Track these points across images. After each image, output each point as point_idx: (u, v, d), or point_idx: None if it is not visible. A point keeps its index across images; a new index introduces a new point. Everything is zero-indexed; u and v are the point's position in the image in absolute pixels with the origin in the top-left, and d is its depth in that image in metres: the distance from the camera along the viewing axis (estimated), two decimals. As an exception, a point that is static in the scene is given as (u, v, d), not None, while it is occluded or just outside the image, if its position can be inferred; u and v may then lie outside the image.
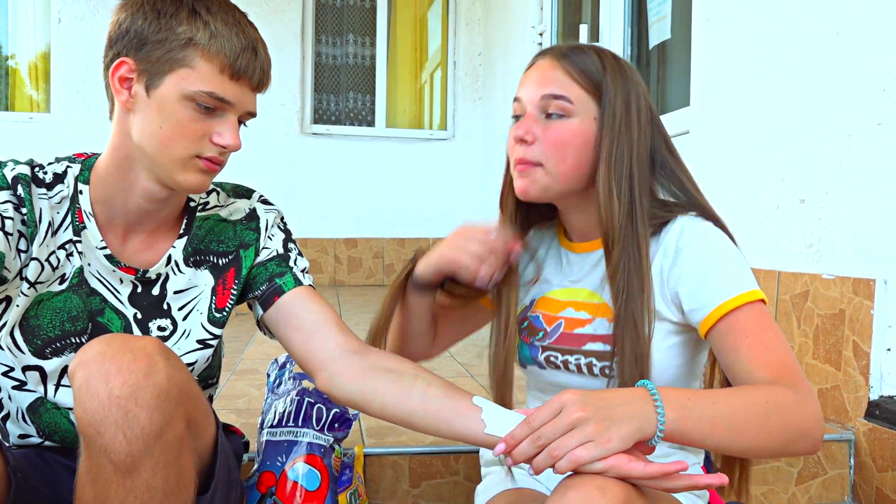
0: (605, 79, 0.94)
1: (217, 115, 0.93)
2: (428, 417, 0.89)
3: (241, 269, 1.05)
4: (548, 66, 0.95)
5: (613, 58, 0.97)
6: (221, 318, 1.05)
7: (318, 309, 1.02)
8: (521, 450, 0.78)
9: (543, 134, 0.95)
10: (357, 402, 0.94)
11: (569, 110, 0.94)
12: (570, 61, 0.95)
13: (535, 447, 0.77)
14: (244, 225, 1.08)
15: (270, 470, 1.21)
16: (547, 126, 0.95)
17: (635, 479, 0.77)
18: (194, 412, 0.88)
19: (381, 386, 0.93)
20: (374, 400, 0.94)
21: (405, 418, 0.91)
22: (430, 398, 0.90)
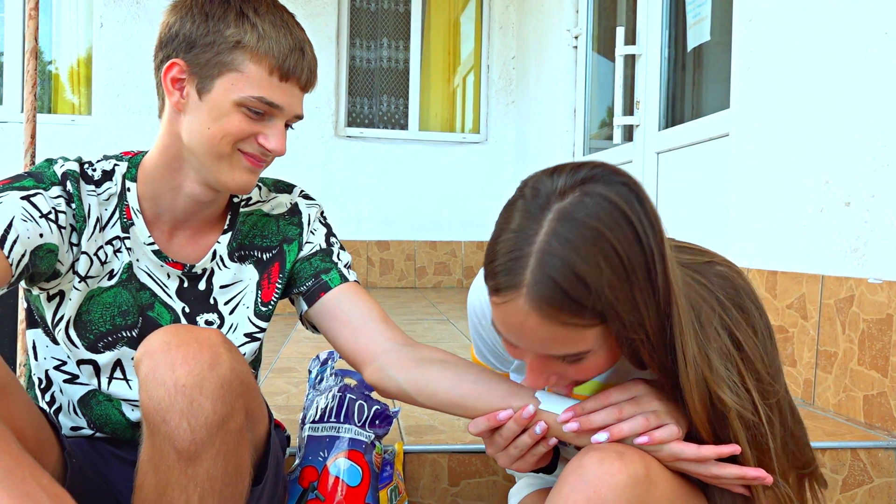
0: (604, 295, 0.71)
1: (266, 119, 0.94)
2: (482, 399, 0.88)
3: (284, 264, 1.07)
4: (535, 323, 0.73)
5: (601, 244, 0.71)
6: (267, 311, 1.06)
7: (365, 304, 1.03)
8: (597, 417, 0.82)
9: (568, 370, 0.82)
10: (408, 392, 0.95)
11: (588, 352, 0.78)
12: (558, 310, 0.72)
13: (614, 417, 0.81)
14: (287, 220, 1.09)
15: (312, 465, 1.22)
16: (568, 366, 0.81)
17: (686, 460, 0.80)
18: (252, 404, 0.90)
19: (434, 374, 0.93)
20: (427, 388, 0.93)
21: (458, 402, 0.91)
22: (484, 381, 0.90)
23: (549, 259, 0.71)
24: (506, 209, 0.77)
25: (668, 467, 0.82)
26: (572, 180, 0.74)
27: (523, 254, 0.72)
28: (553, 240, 0.71)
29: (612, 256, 0.71)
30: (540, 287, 0.71)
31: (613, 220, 0.71)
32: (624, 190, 0.74)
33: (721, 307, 0.84)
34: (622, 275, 0.71)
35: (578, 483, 0.77)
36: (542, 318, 0.72)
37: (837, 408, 1.73)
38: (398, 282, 4.89)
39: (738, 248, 2.17)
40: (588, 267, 0.70)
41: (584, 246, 0.71)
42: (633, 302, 0.72)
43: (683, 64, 2.98)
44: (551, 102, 4.12)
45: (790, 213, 1.94)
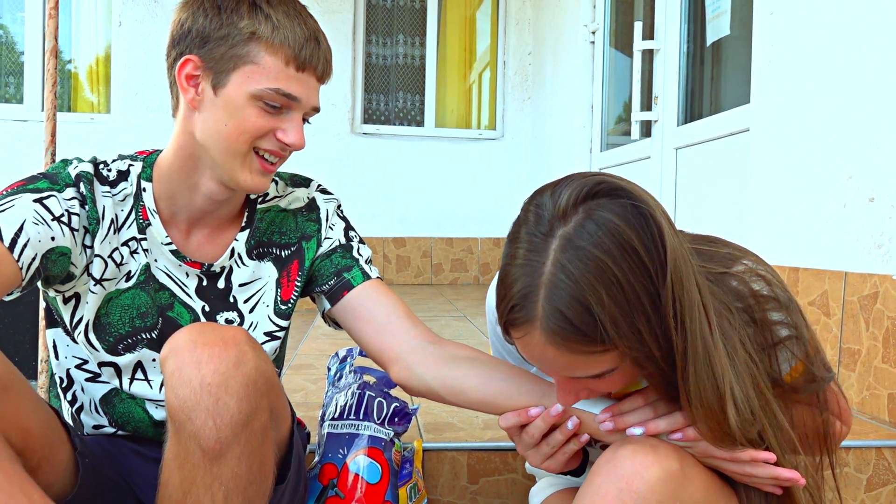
0: (608, 325, 0.71)
1: (283, 113, 0.94)
2: (513, 398, 0.88)
3: (304, 261, 1.07)
4: (554, 353, 0.74)
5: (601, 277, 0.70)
6: (287, 309, 1.06)
7: (389, 302, 1.03)
8: (635, 415, 0.82)
9: (598, 385, 0.81)
10: (437, 391, 0.94)
11: (612, 370, 0.77)
12: (571, 341, 0.72)
13: (649, 415, 0.81)
14: (304, 216, 1.09)
15: (332, 462, 1.22)
16: (597, 381, 0.80)
17: (720, 460, 0.80)
18: (276, 402, 0.90)
19: (464, 372, 0.93)
20: (456, 386, 0.93)
21: (490, 401, 0.90)
22: (515, 379, 0.90)
23: (556, 291, 0.71)
24: (511, 237, 0.76)
25: (701, 463, 0.81)
26: (574, 199, 0.73)
27: (532, 288, 0.72)
28: (559, 271, 0.71)
29: (615, 287, 0.70)
30: (550, 320, 0.71)
31: (616, 247, 0.70)
32: (629, 211, 0.71)
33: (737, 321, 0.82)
34: (624, 306, 0.70)
35: (612, 475, 0.76)
36: (558, 348, 0.73)
37: (861, 406, 1.71)
38: (415, 278, 4.89)
39: (759, 245, 2.15)
40: (592, 298, 0.70)
41: (588, 277, 0.70)
42: (637, 333, 0.71)
43: (702, 59, 2.95)
44: (568, 98, 4.10)
45: (812, 208, 1.91)
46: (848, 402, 0.94)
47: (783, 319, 0.84)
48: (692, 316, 0.74)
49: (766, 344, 0.84)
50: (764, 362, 0.83)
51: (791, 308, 0.85)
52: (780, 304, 0.85)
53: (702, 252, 0.86)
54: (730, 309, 0.82)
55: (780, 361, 0.85)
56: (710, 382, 0.76)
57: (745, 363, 0.79)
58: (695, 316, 0.75)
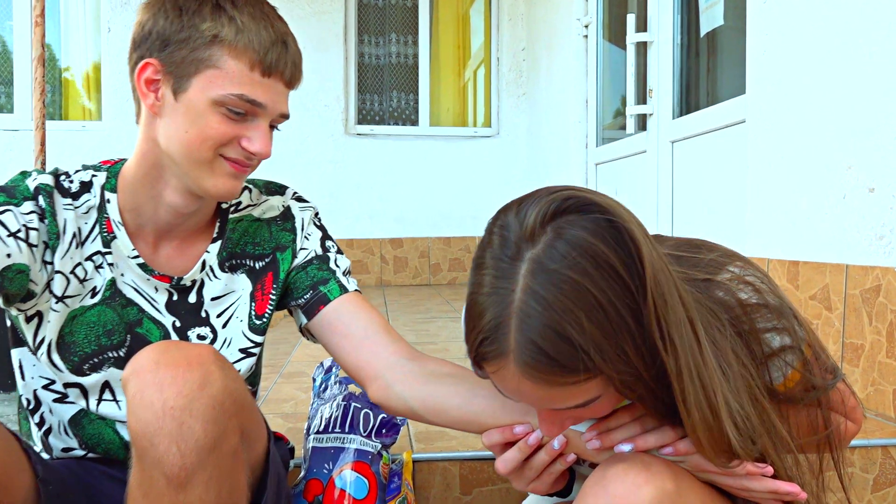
0: (591, 352, 0.65)
1: (248, 120, 0.90)
2: (496, 416, 0.83)
3: (278, 273, 1.02)
4: (531, 387, 0.68)
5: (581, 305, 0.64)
6: (262, 324, 1.02)
7: (367, 316, 0.99)
8: (622, 431, 0.77)
9: (583, 414, 0.75)
10: (416, 410, 0.90)
11: (596, 398, 0.71)
12: (548, 374, 0.66)
13: (640, 428, 0.77)
14: (279, 225, 1.04)
15: (317, 477, 1.18)
16: (581, 410, 0.74)
17: (714, 474, 0.75)
18: (248, 423, 0.85)
19: (445, 389, 0.88)
20: (437, 405, 0.88)
21: (472, 419, 0.85)
22: (499, 396, 0.85)
23: (529, 321, 0.64)
24: (476, 263, 0.71)
25: (696, 478, 0.77)
26: (542, 217, 0.67)
27: (502, 319, 0.66)
28: (529, 298, 0.64)
29: (594, 309, 0.64)
30: (524, 352, 0.65)
31: (592, 266, 0.64)
32: (602, 223, 0.66)
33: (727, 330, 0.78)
34: (608, 329, 0.64)
35: (602, 496, 0.72)
36: (535, 382, 0.66)
37: (866, 402, 1.66)
38: (413, 279, 4.85)
39: (757, 239, 2.11)
40: (569, 325, 0.63)
41: (563, 301, 0.64)
42: (624, 355, 0.66)
43: (697, 50, 2.90)
44: (563, 93, 4.05)
45: (811, 200, 1.86)
46: (858, 400, 0.89)
47: (776, 325, 0.80)
48: (679, 333, 0.69)
49: (756, 356, 0.79)
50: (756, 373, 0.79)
51: (784, 312, 0.80)
52: (771, 309, 0.80)
53: (683, 258, 0.82)
54: (718, 317, 0.78)
55: (773, 370, 0.80)
56: (705, 400, 0.71)
57: (739, 375, 0.75)
58: (682, 332, 0.69)
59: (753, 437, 0.73)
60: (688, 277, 0.78)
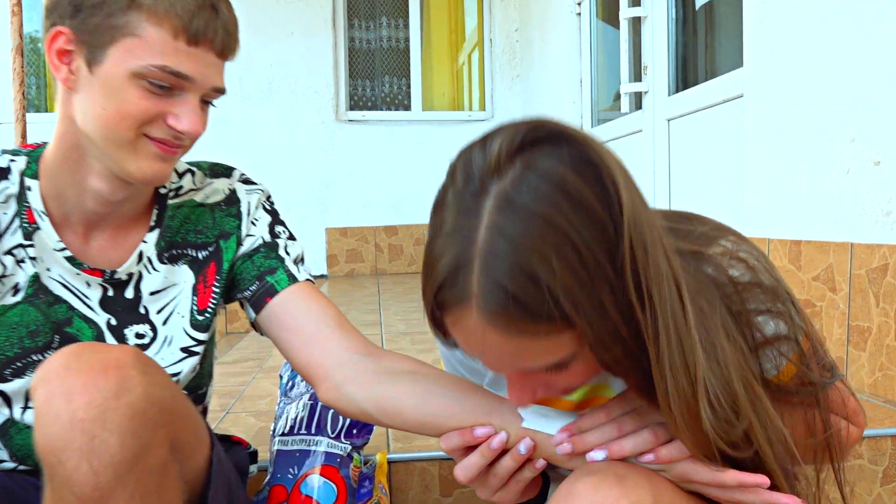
0: (561, 298, 0.57)
1: (175, 95, 0.80)
2: (455, 418, 0.73)
3: (221, 264, 0.93)
4: (497, 339, 0.59)
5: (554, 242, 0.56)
6: (205, 321, 0.92)
7: (318, 308, 0.89)
8: (597, 434, 0.68)
9: (555, 380, 0.67)
10: (370, 412, 0.80)
11: (570, 357, 0.63)
12: (516, 321, 0.57)
13: (615, 431, 0.68)
14: (223, 210, 0.95)
15: (282, 483, 1.09)
16: (553, 375, 0.65)
17: (702, 485, 0.66)
18: (183, 433, 0.76)
19: (401, 389, 0.79)
20: (391, 407, 0.79)
21: (429, 422, 0.76)
22: (458, 396, 0.75)
23: (494, 262, 0.57)
24: (436, 205, 0.62)
25: (682, 490, 0.68)
26: (509, 148, 0.59)
27: (464, 259, 0.58)
28: (495, 236, 0.57)
29: (566, 249, 0.56)
30: (489, 297, 0.57)
31: (566, 201, 0.56)
32: (575, 156, 0.58)
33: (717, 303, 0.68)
34: (581, 273, 0.57)
35: None
36: (501, 332, 0.58)
37: (873, 388, 1.57)
38: (408, 267, 4.76)
39: (757, 218, 2.01)
40: (538, 266, 0.56)
41: (533, 239, 0.56)
42: (599, 305, 0.58)
43: (693, 24, 2.79)
44: (556, 74, 3.94)
45: (813, 176, 1.77)
46: (859, 403, 0.80)
47: (770, 308, 0.70)
48: (660, 290, 0.60)
49: (748, 342, 0.70)
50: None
51: (780, 296, 0.71)
52: (765, 290, 0.70)
53: (672, 230, 0.72)
54: (709, 291, 0.68)
55: (765, 361, 0.71)
56: (684, 373, 0.62)
57: (729, 354, 0.65)
58: (664, 291, 0.60)
59: (732, 422, 0.63)
60: (676, 249, 0.69)
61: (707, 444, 0.63)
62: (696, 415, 0.62)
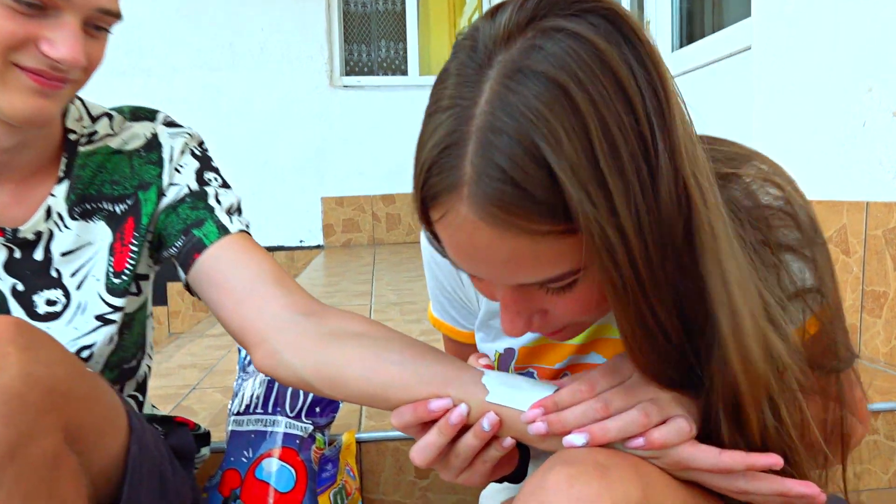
0: (571, 182, 0.46)
1: (49, 16, 0.67)
2: (409, 389, 0.62)
3: (140, 218, 0.81)
4: (489, 237, 0.49)
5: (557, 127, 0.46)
6: (122, 284, 0.81)
7: (253, 263, 0.77)
8: (577, 412, 0.56)
9: (555, 305, 0.56)
10: (311, 381, 0.68)
11: (575, 273, 0.52)
12: (514, 211, 0.47)
13: (601, 410, 0.56)
14: (143, 157, 0.83)
15: (234, 468, 0.99)
16: (554, 298, 0.55)
17: (702, 472, 0.55)
18: (85, 417, 0.65)
19: (347, 354, 0.67)
20: (336, 376, 0.67)
21: (379, 394, 0.64)
22: (413, 363, 0.64)
23: (494, 138, 0.47)
24: (438, 79, 0.52)
25: (675, 477, 0.57)
26: (521, 16, 0.48)
27: (458, 137, 0.48)
28: (498, 109, 0.47)
29: (585, 123, 0.46)
30: (484, 181, 0.47)
31: (586, 67, 0.46)
32: (600, 20, 0.48)
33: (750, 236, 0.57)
34: (600, 151, 0.46)
35: None
36: (495, 227, 0.48)
37: (889, 357, 1.46)
38: (406, 236, 4.65)
39: (766, 177, 1.88)
40: (547, 141, 0.46)
41: (541, 109, 0.46)
42: (611, 198, 0.47)
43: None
44: (556, 33, 3.79)
45: (825, 130, 1.64)
46: (865, 395, 0.68)
47: (801, 247, 0.59)
48: (701, 187, 0.50)
49: (780, 289, 0.58)
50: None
51: (813, 239, 0.60)
52: (800, 225, 0.59)
53: (707, 150, 0.61)
54: (741, 220, 0.57)
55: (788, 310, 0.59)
56: (741, 295, 0.52)
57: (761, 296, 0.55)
58: (705, 188, 0.51)
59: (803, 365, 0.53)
60: (712, 170, 0.58)
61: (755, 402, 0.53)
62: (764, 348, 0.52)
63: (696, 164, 0.51)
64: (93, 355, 0.80)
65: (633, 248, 0.48)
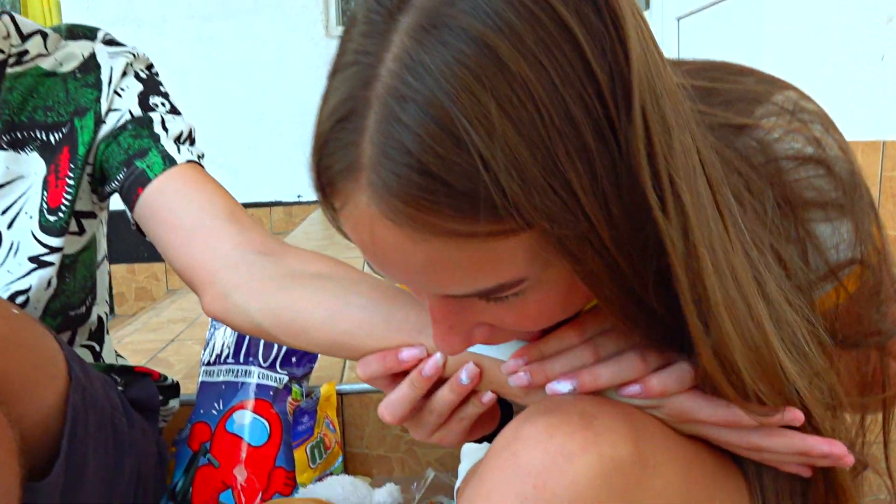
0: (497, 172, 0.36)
1: None
2: (375, 336, 0.54)
3: (76, 148, 0.73)
4: (400, 238, 0.38)
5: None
6: (58, 222, 0.74)
7: (204, 196, 0.70)
8: (563, 360, 0.48)
9: (503, 317, 0.45)
10: (266, 327, 0.60)
11: (520, 282, 0.41)
12: (424, 205, 0.36)
13: (591, 356, 0.48)
14: (79, 80, 0.75)
15: (204, 421, 0.93)
16: (499, 309, 0.44)
17: (708, 426, 0.48)
18: (8, 364, 0.59)
19: (307, 297, 0.58)
20: (293, 321, 0.58)
21: (341, 341, 0.56)
22: (379, 307, 0.55)
23: (400, 108, 0.36)
24: (345, 28, 0.41)
25: (675, 429, 0.49)
26: None
27: (358, 106, 0.37)
28: (407, 70, 0.36)
29: (518, 96, 0.35)
30: (386, 166, 0.36)
31: (523, 20, 0.35)
32: None
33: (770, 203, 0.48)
34: (538, 134, 0.35)
35: (509, 470, 0.44)
36: (402, 226, 0.37)
37: (903, 305, 1.39)
38: (405, 192, 4.57)
39: (775, 119, 1.79)
40: (465, 117, 0.34)
41: (461, 76, 0.35)
42: (565, 191, 0.36)
43: None
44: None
45: (840, 64, 1.54)
46: None
47: (833, 200, 0.50)
48: (685, 168, 0.39)
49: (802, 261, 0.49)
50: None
51: (854, 193, 0.51)
52: (833, 174, 0.50)
53: (705, 92, 0.52)
54: (748, 188, 0.48)
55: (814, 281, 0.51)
56: (743, 302, 0.42)
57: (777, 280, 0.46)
58: (689, 171, 0.40)
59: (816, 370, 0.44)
60: (716, 122, 0.49)
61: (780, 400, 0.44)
62: (772, 364, 0.43)
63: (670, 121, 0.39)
64: (29, 300, 0.73)
65: (597, 230, 0.38)
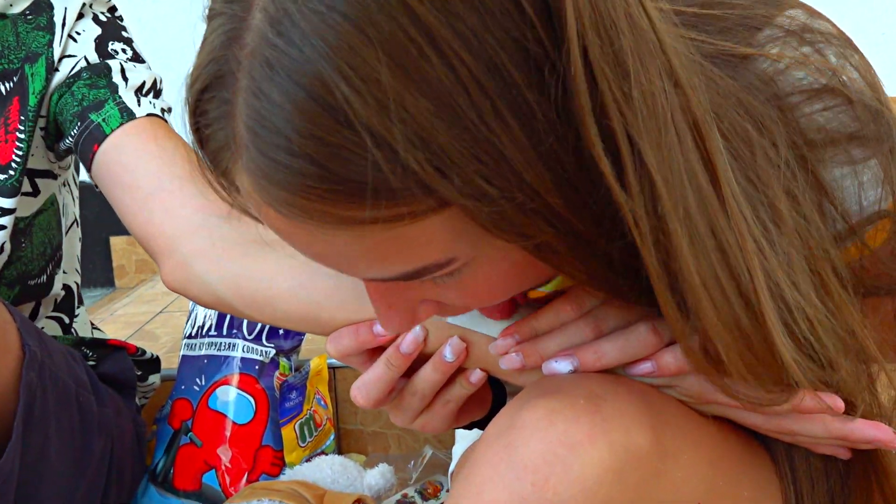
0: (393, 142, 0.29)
1: None
2: (346, 307, 0.48)
3: (27, 98, 0.67)
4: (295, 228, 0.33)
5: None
6: (8, 180, 0.67)
7: (165, 153, 0.63)
8: (559, 337, 0.42)
9: (446, 294, 0.39)
10: (229, 300, 0.54)
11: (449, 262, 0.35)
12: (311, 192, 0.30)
13: (591, 330, 0.42)
14: (30, 22, 0.68)
15: (185, 397, 0.88)
16: (440, 288, 0.38)
17: (732, 406, 0.42)
18: None
19: (272, 265, 0.51)
20: (257, 292, 0.52)
21: (310, 313, 0.49)
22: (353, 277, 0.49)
23: (266, 81, 0.29)
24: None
25: (697, 411, 0.44)
26: None
27: (227, 69, 0.31)
28: (271, 28, 0.29)
29: (420, 40, 0.28)
30: (260, 149, 0.30)
31: None
32: None
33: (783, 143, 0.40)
34: (449, 82, 0.29)
35: (503, 465, 0.38)
36: (290, 217, 0.32)
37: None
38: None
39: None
40: (352, 81, 0.28)
41: (341, 28, 0.28)
42: (488, 155, 0.30)
43: None
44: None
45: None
46: None
47: (853, 133, 0.44)
48: (653, 122, 0.32)
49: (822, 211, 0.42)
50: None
51: (879, 126, 0.42)
52: (856, 109, 0.42)
53: (699, 19, 0.46)
54: (766, 127, 0.40)
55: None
56: (731, 282, 0.35)
57: (794, 233, 0.38)
58: (658, 125, 0.33)
59: (828, 355, 0.38)
60: (717, 51, 0.42)
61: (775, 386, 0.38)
62: (762, 348, 0.36)
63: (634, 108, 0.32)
64: None
65: (557, 210, 0.32)
